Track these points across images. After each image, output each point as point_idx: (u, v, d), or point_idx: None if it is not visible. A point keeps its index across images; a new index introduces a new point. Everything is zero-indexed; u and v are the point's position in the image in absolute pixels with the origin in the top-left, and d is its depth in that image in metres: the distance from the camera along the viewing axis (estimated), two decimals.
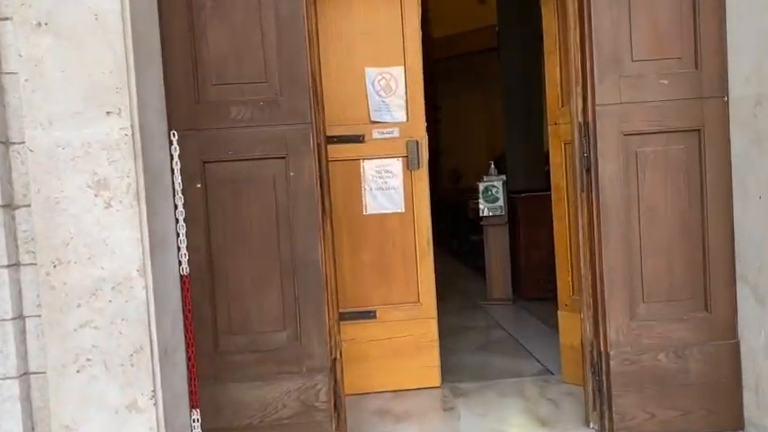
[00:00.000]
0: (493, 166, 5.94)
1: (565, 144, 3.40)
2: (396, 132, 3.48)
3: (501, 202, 5.75)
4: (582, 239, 2.83)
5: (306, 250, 2.62)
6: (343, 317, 3.41)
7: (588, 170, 2.75)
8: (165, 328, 2.33)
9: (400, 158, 3.49)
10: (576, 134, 2.82)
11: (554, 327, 4.50)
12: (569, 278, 3.46)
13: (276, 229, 2.62)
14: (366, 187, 3.49)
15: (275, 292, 2.62)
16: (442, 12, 21.55)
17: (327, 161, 2.82)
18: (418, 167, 3.47)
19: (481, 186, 5.79)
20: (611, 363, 2.71)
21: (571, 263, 3.43)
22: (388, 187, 3.50)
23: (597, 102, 2.69)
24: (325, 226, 2.72)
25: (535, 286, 5.68)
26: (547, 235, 5.94)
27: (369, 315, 3.50)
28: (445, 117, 22.84)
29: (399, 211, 3.51)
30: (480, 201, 5.80)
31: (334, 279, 2.81)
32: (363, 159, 3.48)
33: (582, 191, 2.80)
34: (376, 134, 3.47)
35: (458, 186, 17.83)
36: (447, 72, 22.82)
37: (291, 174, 2.60)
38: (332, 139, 3.43)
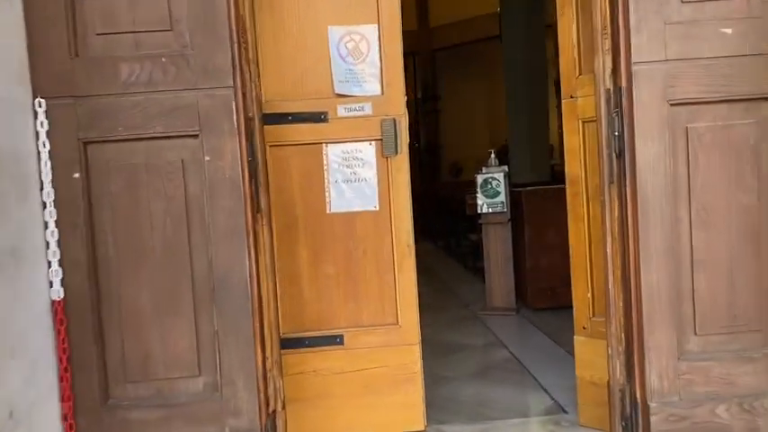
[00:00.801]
0: (493, 155, 5.19)
1: (583, 123, 2.65)
2: (367, 109, 2.73)
3: (502, 197, 5.00)
4: (610, 248, 2.09)
5: (228, 265, 1.88)
6: (300, 343, 2.69)
7: (620, 155, 2.02)
8: (7, 380, 1.59)
9: (373, 142, 2.74)
10: (603, 107, 2.08)
11: (566, 345, 3.78)
12: (589, 294, 2.72)
13: (187, 236, 1.88)
14: (330, 179, 2.75)
15: (186, 322, 1.89)
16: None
17: (264, 142, 2.08)
18: (396, 153, 2.72)
19: (479, 179, 5.04)
20: (652, 418, 1.97)
21: (591, 275, 2.69)
22: (358, 179, 2.76)
23: (633, 59, 1.95)
24: (257, 231, 1.98)
25: (542, 294, 4.94)
26: (555, 235, 5.22)
27: (334, 340, 2.76)
28: (445, 108, 22.16)
29: (372, 208, 2.77)
30: (479, 195, 5.05)
31: (274, 301, 2.08)
32: (326, 143, 2.74)
33: (611, 182, 2.07)
34: (342, 111, 2.72)
35: (458, 180, 17.12)
36: (447, 62, 22.11)
37: (207, 159, 1.87)
38: (284, 118, 2.69)
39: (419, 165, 21.73)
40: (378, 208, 2.77)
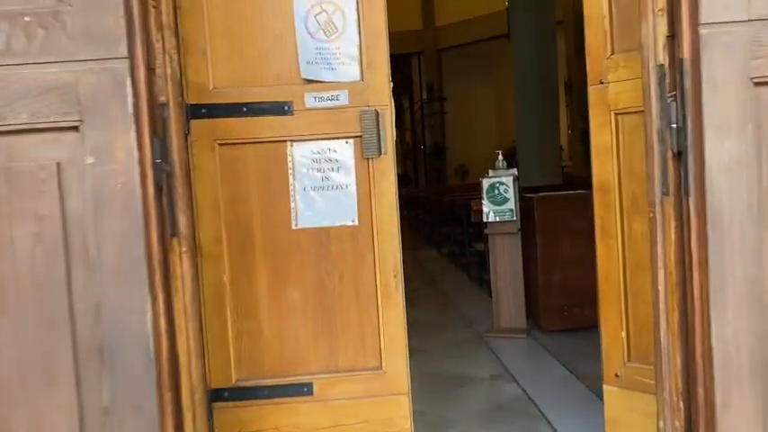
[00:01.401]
0: (501, 157, 4.61)
1: (617, 115, 2.09)
2: (343, 98, 2.16)
3: (511, 204, 4.41)
4: (664, 284, 1.52)
5: (122, 313, 1.31)
6: (258, 393, 2.14)
7: (679, 155, 1.44)
8: None
9: (351, 140, 2.18)
10: (654, 89, 1.52)
11: (585, 379, 3.22)
12: (623, 333, 2.15)
13: (65, 273, 1.32)
14: (296, 186, 2.18)
15: (64, 395, 1.33)
16: None
17: (186, 139, 1.52)
18: (379, 154, 2.15)
19: (485, 183, 4.46)
20: None
21: (626, 309, 2.13)
22: (332, 186, 2.19)
23: (702, 19, 1.37)
24: (170, 263, 1.42)
25: (556, 314, 4.36)
26: (571, 247, 4.64)
27: (300, 390, 2.19)
28: (451, 109, 21.62)
29: (350, 223, 2.20)
30: (485, 202, 4.47)
31: (201, 361, 1.51)
32: (291, 141, 2.18)
33: (665, 193, 1.50)
34: (311, 101, 2.16)
35: (464, 183, 16.54)
36: (453, 61, 21.59)
37: (90, 161, 1.30)
38: (237, 109, 2.14)
39: (424, 167, 21.21)
40: (357, 222, 2.20)
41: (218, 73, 2.14)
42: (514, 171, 4.51)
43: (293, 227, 2.19)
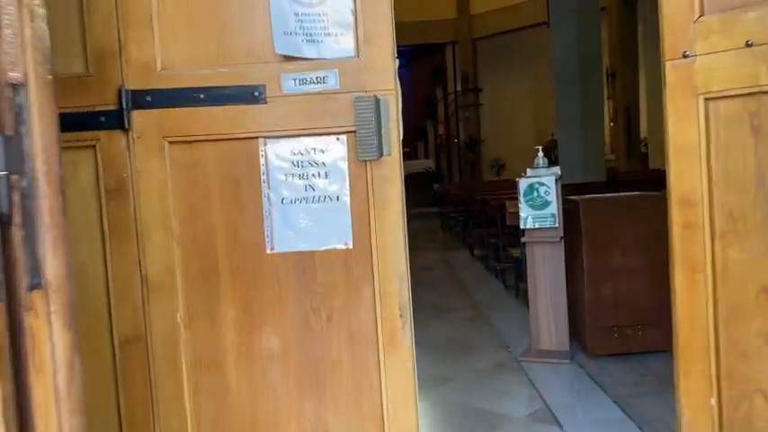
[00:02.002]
0: (541, 154, 4.01)
1: (707, 100, 1.51)
2: (332, 80, 1.62)
3: (553, 209, 3.82)
4: None
5: None
6: None
7: None
8: None
9: (342, 136, 1.64)
10: None
11: (644, 423, 2.65)
12: (713, 399, 1.56)
13: None
14: (271, 196, 1.66)
15: None
16: None
17: (58, 138, 0.99)
18: (379, 154, 1.61)
19: (523, 184, 3.87)
20: None
21: (718, 369, 1.54)
22: (318, 197, 1.66)
23: None
24: (27, 330, 0.91)
25: (605, 336, 3.77)
26: (623, 257, 3.99)
27: None
28: (486, 101, 20.93)
29: (342, 246, 1.67)
30: (522, 205, 3.88)
31: None
32: (264, 137, 1.65)
33: None
34: (289, 84, 1.62)
35: (499, 180, 15.87)
36: (488, 51, 20.89)
37: None
38: (192, 97, 1.62)
39: (458, 161, 20.59)
40: (351, 245, 1.67)
41: (169, 49, 1.63)
42: (557, 170, 3.92)
43: (268, 251, 1.67)
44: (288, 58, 1.62)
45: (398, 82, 1.67)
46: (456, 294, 6.02)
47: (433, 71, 20.84)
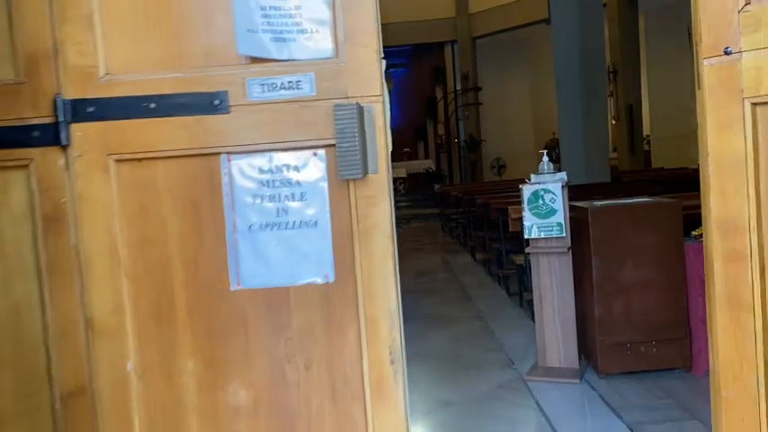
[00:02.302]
0: (546, 158, 3.75)
1: (755, 105, 1.25)
2: (306, 85, 1.37)
3: (559, 217, 3.56)
4: None
5: None
6: None
7: None
8: None
9: (320, 150, 1.39)
10: None
11: None
12: None
13: None
14: (237, 223, 1.41)
15: None
16: None
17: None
18: (364, 173, 1.36)
19: (527, 192, 3.62)
20: None
21: None
22: (293, 222, 1.41)
23: None
24: None
25: (617, 353, 3.51)
26: (635, 269, 3.72)
27: None
28: (486, 99, 20.68)
29: (321, 280, 1.42)
30: (526, 213, 3.63)
31: None
32: (228, 153, 1.40)
33: None
34: (255, 90, 1.37)
35: (500, 180, 15.59)
36: (488, 50, 20.62)
37: None
38: (141, 106, 1.36)
39: (459, 162, 20.32)
40: (332, 279, 1.41)
41: (113, 50, 1.37)
42: (563, 176, 3.66)
43: (234, 287, 1.41)
44: (254, 60, 1.37)
45: (386, 86, 1.41)
46: (457, 302, 5.77)
47: (432, 70, 20.56)
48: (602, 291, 3.53)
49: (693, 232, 3.55)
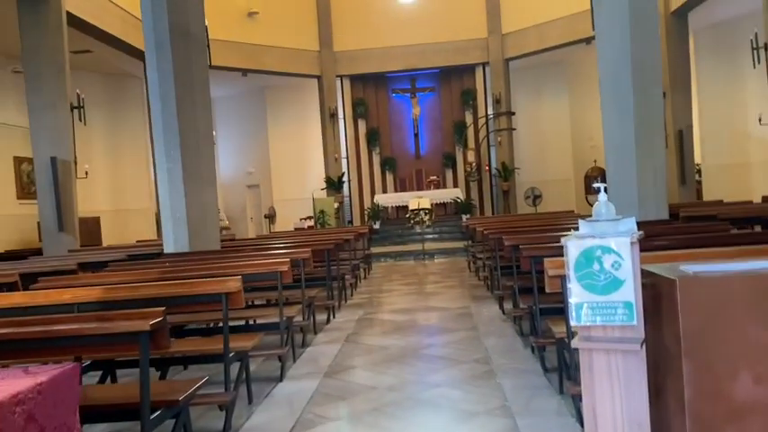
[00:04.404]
0: (604, 197, 2.40)
1: None
2: None
3: (628, 294, 2.21)
4: None
5: None
6: None
7: None
8: None
9: None
10: None
11: None
12: None
13: None
14: None
15: None
16: (513, 2, 18.02)
17: None
18: None
19: (573, 250, 2.27)
20: None
21: None
22: None
23: None
24: None
25: None
26: (756, 382, 2.26)
27: None
28: (521, 125, 19.29)
29: None
30: (572, 284, 2.28)
31: None
32: None
33: None
34: None
35: (535, 214, 14.14)
36: (522, 72, 19.30)
37: None
38: None
39: (490, 191, 18.91)
40: None
41: None
42: (632, 224, 2.31)
43: None
44: None
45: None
46: (478, 380, 4.39)
47: (462, 94, 19.30)
48: (700, 417, 2.15)
49: None
